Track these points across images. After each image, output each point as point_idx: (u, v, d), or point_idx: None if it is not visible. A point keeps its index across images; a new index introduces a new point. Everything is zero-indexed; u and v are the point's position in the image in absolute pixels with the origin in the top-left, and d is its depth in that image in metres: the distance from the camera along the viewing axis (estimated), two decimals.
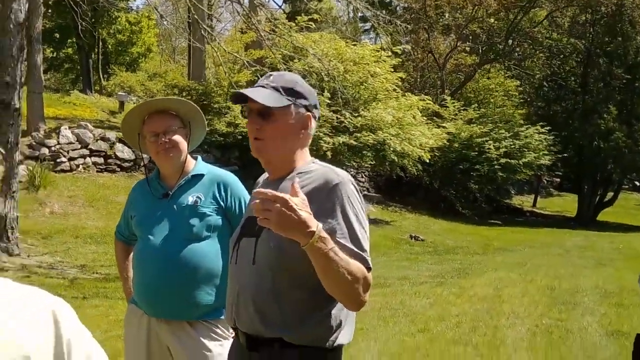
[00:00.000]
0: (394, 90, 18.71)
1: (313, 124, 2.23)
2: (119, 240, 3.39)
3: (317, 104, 2.27)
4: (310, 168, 2.19)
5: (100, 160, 14.70)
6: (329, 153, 16.37)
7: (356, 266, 1.95)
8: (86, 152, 14.47)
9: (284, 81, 2.19)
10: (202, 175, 3.12)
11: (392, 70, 18.94)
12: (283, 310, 2.05)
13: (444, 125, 21.31)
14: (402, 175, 20.45)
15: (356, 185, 2.15)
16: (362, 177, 22.06)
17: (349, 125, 17.08)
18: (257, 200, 1.86)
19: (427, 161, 18.57)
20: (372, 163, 18.58)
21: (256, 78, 17.56)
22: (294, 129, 2.18)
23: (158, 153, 3.05)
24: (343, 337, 2.11)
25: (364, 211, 2.14)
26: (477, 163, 22.50)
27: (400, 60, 20.92)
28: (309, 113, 2.20)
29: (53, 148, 13.84)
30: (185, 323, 2.98)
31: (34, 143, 13.74)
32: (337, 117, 16.98)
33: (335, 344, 2.08)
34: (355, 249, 1.99)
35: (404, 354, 6.02)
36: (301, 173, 2.18)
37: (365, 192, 21.69)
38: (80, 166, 14.31)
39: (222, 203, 3.05)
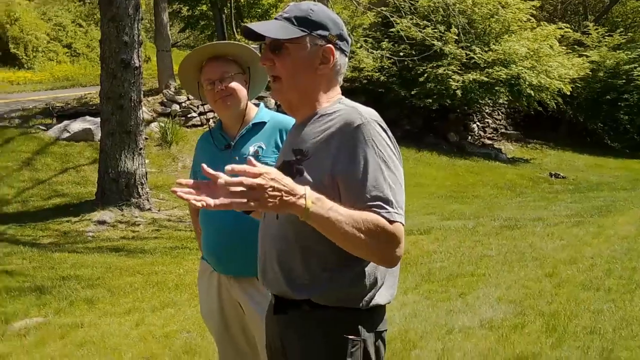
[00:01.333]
0: (528, 20, 17.58)
1: (338, 58, 1.97)
2: None
3: (344, 34, 1.99)
4: (334, 109, 1.95)
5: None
6: (458, 92, 15.76)
7: (367, 221, 1.72)
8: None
9: (298, 10, 1.95)
10: (263, 123, 2.95)
11: None
12: (309, 269, 1.88)
13: (586, 54, 19.86)
14: (542, 110, 19.31)
15: (385, 126, 1.90)
16: (498, 114, 21.11)
17: (479, 61, 16.31)
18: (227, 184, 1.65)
19: (568, 93, 17.41)
20: (507, 99, 17.70)
21: (379, 20, 17.17)
22: (309, 63, 1.94)
23: (215, 102, 2.90)
24: (380, 297, 1.91)
25: (396, 156, 1.88)
26: (625, 92, 20.89)
27: None
28: (329, 45, 1.94)
29: (183, 104, 14.25)
30: (255, 279, 2.86)
31: (165, 100, 14.20)
32: (466, 53, 16.24)
33: (371, 304, 1.89)
34: (370, 199, 1.75)
35: (524, 301, 5.65)
36: (323, 115, 1.95)
37: (503, 130, 20.78)
38: (211, 120, 14.66)
39: None
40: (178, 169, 12.12)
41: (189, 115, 14.25)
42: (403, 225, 1.78)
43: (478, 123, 20.14)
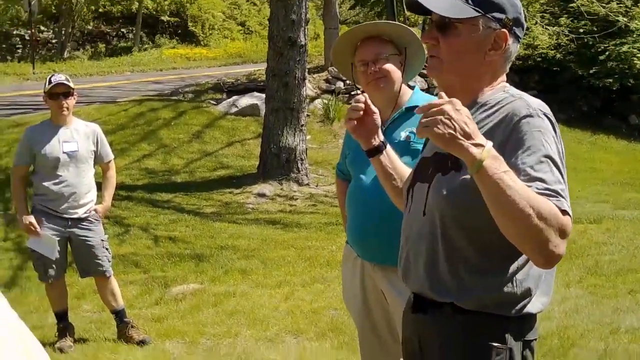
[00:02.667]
0: None
1: (511, 44, 1.77)
2: (339, 178, 3.26)
3: (521, 19, 1.79)
4: (498, 98, 1.76)
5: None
6: None
7: (544, 202, 1.51)
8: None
9: None
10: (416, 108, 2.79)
11: None
12: (455, 271, 1.74)
13: None
14: None
15: (553, 120, 1.69)
16: None
17: None
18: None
19: None
20: None
21: None
22: (479, 47, 1.75)
23: (368, 84, 2.80)
24: (532, 306, 1.75)
25: (562, 154, 1.66)
26: None
27: None
28: (504, 30, 1.75)
29: (347, 82, 14.26)
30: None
31: (329, 77, 14.29)
32: None
33: (522, 313, 1.73)
34: (539, 188, 1.55)
35: None
36: (486, 104, 1.77)
37: None
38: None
39: None
40: (339, 145, 12.15)
41: (352, 93, 14.27)
42: (571, 218, 1.57)
43: None
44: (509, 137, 1.65)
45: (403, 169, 2.12)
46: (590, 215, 8.25)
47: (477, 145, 1.52)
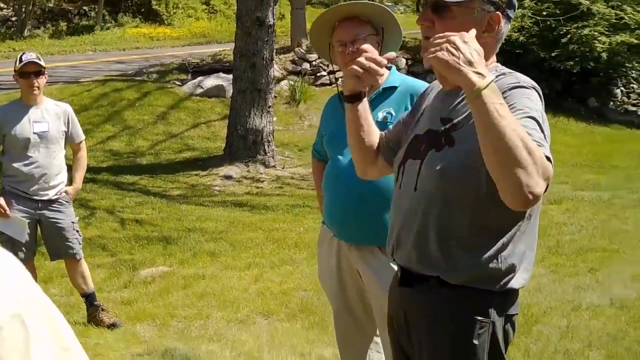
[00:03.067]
0: None
1: (503, 26, 1.82)
2: (315, 159, 3.26)
3: (513, 1, 1.84)
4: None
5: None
6: (604, 55, 14.77)
7: (531, 140, 1.55)
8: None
9: None
10: (394, 88, 2.84)
11: None
12: (444, 246, 1.80)
13: None
14: None
15: (541, 94, 1.76)
16: None
17: (630, 21, 15.17)
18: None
19: None
20: None
21: None
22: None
23: (346, 64, 2.80)
24: (515, 281, 1.82)
25: (546, 124, 1.72)
26: None
27: None
28: (497, 12, 1.79)
29: (314, 63, 14.21)
30: (376, 248, 2.82)
31: (296, 58, 14.23)
32: (615, 13, 15.15)
33: (506, 288, 1.80)
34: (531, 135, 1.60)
35: None
36: None
37: None
38: (340, 79, 14.56)
39: None
40: (304, 127, 12.17)
41: (318, 74, 14.23)
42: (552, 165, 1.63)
43: (622, 88, 18.85)
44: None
45: (373, 123, 2.14)
46: (551, 196, 8.38)
47: (478, 74, 1.55)
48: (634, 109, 18.33)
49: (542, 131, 1.66)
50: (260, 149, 9.51)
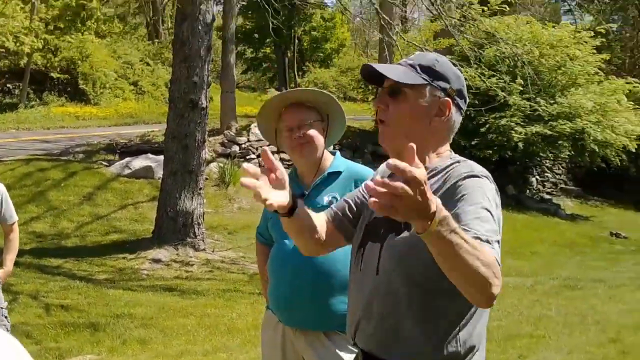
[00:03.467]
0: (596, 73, 17.27)
1: (454, 114, 1.92)
2: (259, 242, 3.25)
3: (463, 91, 1.96)
4: (446, 163, 1.90)
5: (288, 156, 15.00)
6: (520, 144, 15.48)
7: (484, 249, 1.60)
8: (274, 148, 14.74)
9: (424, 59, 1.93)
10: (339, 173, 2.89)
11: (595, 51, 17.47)
12: (404, 328, 1.81)
13: None
14: (605, 167, 18.81)
15: (495, 186, 1.85)
16: (559, 168, 20.66)
17: (544, 113, 16.04)
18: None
19: (634, 150, 16.92)
20: (569, 154, 17.32)
21: None
22: (424, 113, 1.89)
23: (292, 149, 2.85)
24: None
25: (499, 214, 1.79)
26: None
27: (605, 40, 19.26)
28: (447, 99, 1.90)
29: (243, 145, 14.36)
30: (321, 333, 2.79)
31: (225, 141, 14.34)
32: (530, 105, 16.00)
33: None
34: (479, 233, 1.65)
35: None
36: (435, 170, 1.89)
37: (562, 186, 20.30)
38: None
39: None
40: (234, 210, 12.15)
41: (248, 157, 14.35)
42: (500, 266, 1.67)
43: (537, 177, 19.75)
44: (456, 194, 1.76)
45: (314, 218, 2.08)
46: None
47: (428, 217, 1.49)
48: (548, 197, 19.16)
49: (494, 218, 1.72)
50: (190, 232, 9.39)
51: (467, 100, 1.99)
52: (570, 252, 13.10)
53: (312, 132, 2.83)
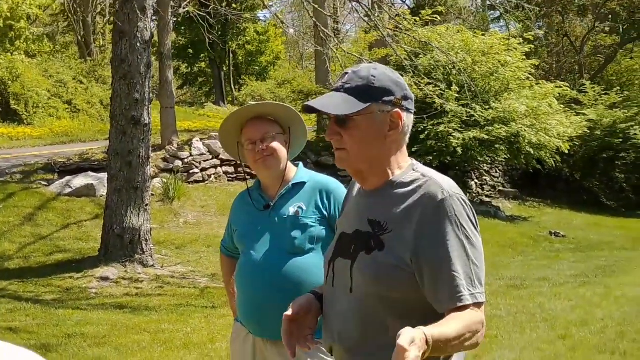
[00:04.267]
0: (527, 78, 17.86)
1: (405, 119, 1.91)
2: (224, 255, 3.28)
3: (408, 93, 1.93)
4: (411, 177, 1.89)
5: (231, 169, 14.99)
6: (459, 149, 15.85)
7: (469, 317, 1.70)
8: (217, 162, 14.81)
9: (359, 78, 1.88)
10: (303, 184, 2.94)
11: (525, 57, 18.08)
12: (383, 347, 1.79)
13: (583, 112, 20.15)
14: (540, 168, 19.44)
15: (465, 199, 1.84)
16: (496, 172, 21.22)
17: (480, 118, 16.46)
18: None
19: (567, 152, 17.55)
20: (506, 157, 17.82)
21: None
22: (379, 131, 1.88)
23: (256, 162, 2.90)
24: None
25: (476, 229, 1.83)
26: (622, 151, 21.04)
27: (533, 46, 19.98)
28: (396, 110, 1.88)
29: (186, 160, 14.26)
30: None
31: (167, 156, 14.22)
32: (466, 111, 16.41)
33: None
34: (459, 290, 1.73)
35: None
36: (399, 184, 1.89)
37: (501, 188, 20.86)
38: (212, 176, 14.67)
39: (325, 212, 2.86)
40: (180, 224, 12.05)
41: (191, 172, 14.26)
42: (484, 302, 1.77)
43: (476, 180, 20.21)
44: (427, 221, 1.78)
45: None
46: None
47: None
48: (487, 199, 19.64)
49: (475, 246, 1.78)
50: (137, 248, 9.28)
51: (413, 98, 1.97)
52: (513, 252, 13.48)
53: (275, 144, 2.88)
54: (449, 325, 1.66)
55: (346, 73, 1.93)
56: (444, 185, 1.82)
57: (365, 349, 1.85)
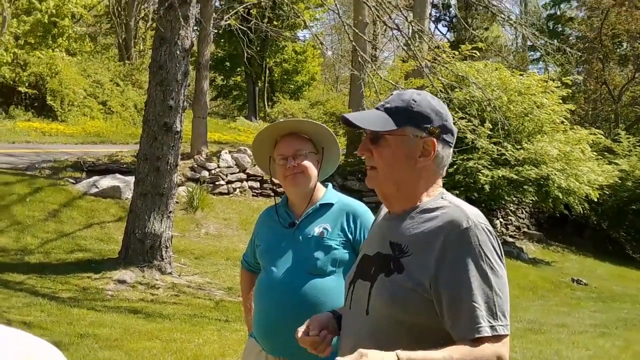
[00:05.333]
0: (562, 122, 17.69)
1: (440, 149, 1.89)
2: (245, 269, 3.26)
3: (448, 125, 1.92)
4: (437, 204, 1.87)
5: (257, 184, 15.03)
6: (487, 186, 15.71)
7: (473, 352, 1.68)
8: (243, 176, 14.85)
9: (400, 100, 1.89)
10: (331, 205, 2.91)
11: (561, 101, 17.93)
12: None
13: (616, 161, 19.89)
14: (567, 213, 19.19)
15: (491, 230, 1.81)
16: (522, 212, 20.98)
17: (510, 158, 16.32)
18: None
19: (596, 199, 17.30)
20: (533, 199, 17.63)
21: None
22: (409, 155, 1.87)
23: (285, 178, 2.88)
24: None
25: (501, 260, 1.79)
26: None
27: (570, 91, 19.81)
28: (431, 138, 1.87)
29: (213, 171, 14.31)
30: None
31: (195, 166, 14.28)
32: (497, 149, 16.28)
33: None
34: (481, 320, 1.69)
35: None
36: (425, 210, 1.87)
37: (525, 230, 20.61)
38: (237, 190, 14.70)
39: (350, 236, 2.83)
40: (201, 235, 12.06)
41: (217, 183, 14.30)
42: (508, 335, 1.72)
43: (501, 219, 20.00)
44: (449, 247, 1.76)
45: None
46: None
47: None
48: (511, 240, 19.42)
49: (499, 276, 1.75)
50: (157, 255, 9.27)
51: (455, 131, 1.96)
52: (533, 295, 13.28)
53: (307, 162, 2.87)
54: (438, 353, 1.65)
55: (391, 94, 1.94)
56: (470, 213, 1.80)
57: None
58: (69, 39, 26.38)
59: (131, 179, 10.76)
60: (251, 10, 17.34)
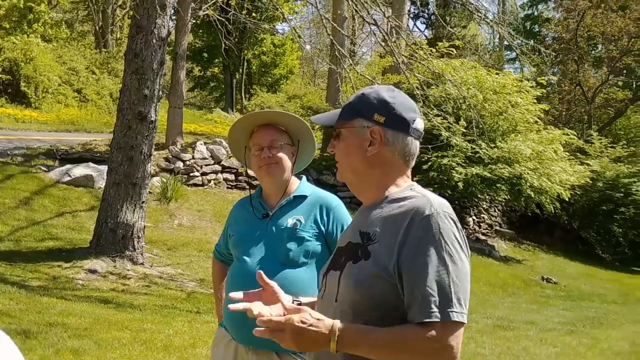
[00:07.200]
0: (536, 122, 17.88)
1: (391, 138, 1.93)
2: (217, 259, 3.26)
3: (398, 114, 1.94)
4: (405, 195, 1.91)
5: (232, 177, 14.98)
6: (460, 184, 15.83)
7: (415, 335, 1.72)
8: (218, 168, 14.80)
9: (354, 96, 2.02)
10: (305, 197, 2.93)
11: (535, 101, 18.11)
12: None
13: (588, 162, 20.16)
14: (539, 213, 19.42)
15: (455, 219, 1.83)
16: (495, 211, 21.20)
17: (484, 156, 16.47)
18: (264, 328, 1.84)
19: (567, 199, 17.52)
20: (506, 197, 17.81)
21: None
22: (359, 145, 1.96)
23: (260, 168, 2.89)
24: None
25: (463, 250, 1.82)
26: (622, 205, 21.04)
27: (545, 91, 20.01)
28: (376, 127, 1.93)
29: (187, 162, 14.25)
30: (274, 354, 2.80)
31: (170, 156, 14.20)
32: (472, 147, 16.41)
33: None
34: (433, 306, 1.72)
35: None
36: (393, 200, 1.91)
37: (498, 228, 20.83)
38: (212, 181, 14.65)
39: (322, 228, 2.85)
40: (174, 225, 12.01)
41: (191, 174, 14.24)
42: (464, 323, 1.73)
43: (474, 217, 20.19)
44: (412, 233, 1.79)
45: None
46: None
47: (323, 343, 1.76)
48: (483, 238, 19.62)
49: (457, 264, 1.75)
50: (129, 245, 9.21)
51: (410, 119, 1.96)
52: (503, 292, 13.43)
53: (282, 154, 2.88)
54: (377, 329, 1.74)
55: (367, 85, 2.02)
56: (434, 202, 1.83)
57: (349, 358, 1.84)
58: (45, 25, 25.98)
59: (105, 168, 10.67)
60: (230, 1, 17.21)
